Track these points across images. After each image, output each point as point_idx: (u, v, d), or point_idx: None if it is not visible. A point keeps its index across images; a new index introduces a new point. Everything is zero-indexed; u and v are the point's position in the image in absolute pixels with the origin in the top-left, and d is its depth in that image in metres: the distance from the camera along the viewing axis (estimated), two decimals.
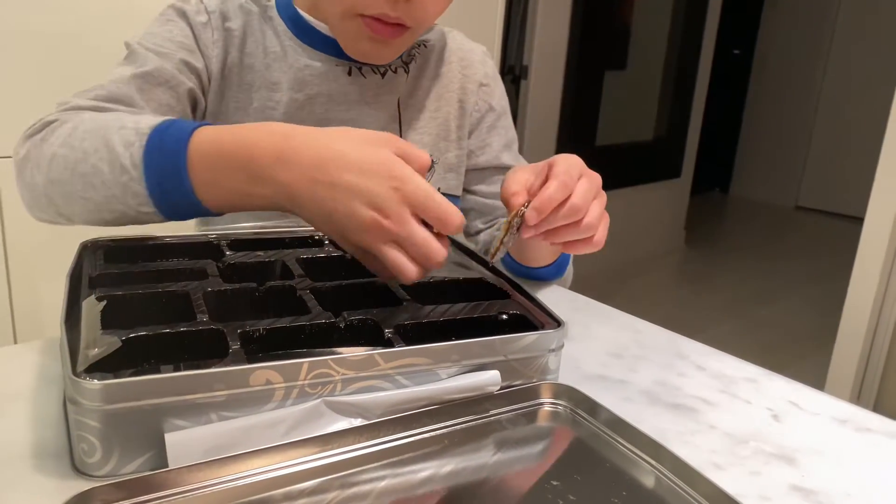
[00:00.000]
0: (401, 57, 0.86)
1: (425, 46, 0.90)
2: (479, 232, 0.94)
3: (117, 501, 0.42)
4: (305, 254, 0.70)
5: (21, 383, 0.57)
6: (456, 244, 0.75)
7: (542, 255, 0.81)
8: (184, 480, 0.44)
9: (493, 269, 0.69)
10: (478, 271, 0.69)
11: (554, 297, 0.83)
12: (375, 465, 0.49)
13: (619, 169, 3.47)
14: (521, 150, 0.97)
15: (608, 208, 0.67)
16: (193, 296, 0.58)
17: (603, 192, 0.66)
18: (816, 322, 2.89)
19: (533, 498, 0.46)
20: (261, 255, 0.69)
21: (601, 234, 0.65)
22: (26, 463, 0.47)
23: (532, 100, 3.10)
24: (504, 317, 0.60)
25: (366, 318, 0.56)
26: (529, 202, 0.61)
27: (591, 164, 0.67)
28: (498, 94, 0.95)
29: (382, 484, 0.47)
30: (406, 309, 0.59)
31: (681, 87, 3.73)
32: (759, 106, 4.86)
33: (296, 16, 0.84)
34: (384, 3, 0.73)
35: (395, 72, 0.86)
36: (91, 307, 0.53)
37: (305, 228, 0.77)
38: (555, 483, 0.48)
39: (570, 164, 0.63)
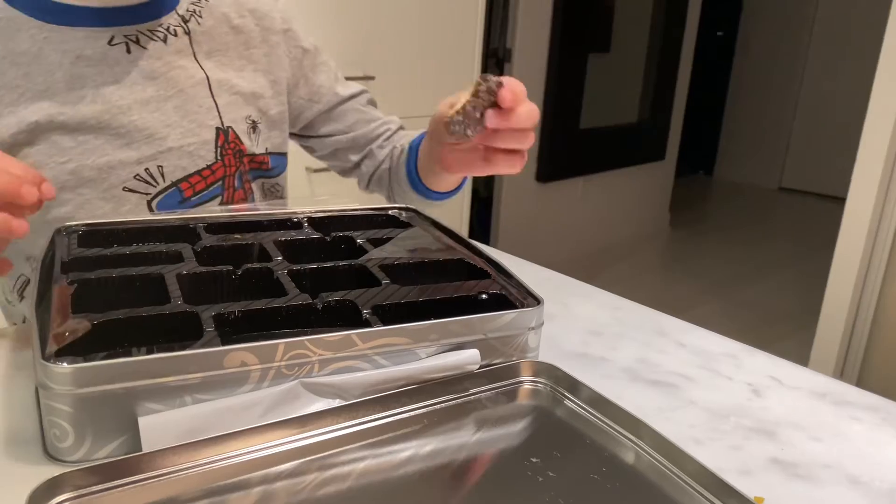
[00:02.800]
0: (179, 15, 0.80)
1: (206, 0, 0.83)
2: (357, 165, 0.94)
3: (90, 486, 0.42)
4: (283, 236, 0.69)
5: None
6: (438, 225, 0.75)
7: (447, 182, 0.86)
8: (158, 464, 0.44)
9: (474, 250, 0.69)
10: (458, 251, 0.68)
11: (534, 275, 0.82)
12: (354, 445, 0.48)
13: (603, 152, 3.47)
14: None
15: (593, 189, 0.67)
16: (168, 279, 0.57)
17: None
18: (800, 301, 2.92)
19: (514, 476, 0.46)
20: (238, 238, 0.68)
21: (526, 156, 0.68)
22: None
23: None
24: (483, 296, 0.60)
25: (343, 299, 0.56)
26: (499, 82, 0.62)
27: (576, 147, 0.68)
28: (301, 33, 0.90)
29: (362, 465, 0.47)
30: (384, 290, 0.58)
31: (664, 70, 3.73)
32: (742, 88, 4.86)
33: None
34: None
35: (175, 34, 0.79)
36: (62, 291, 0.52)
37: (284, 211, 0.76)
38: (535, 460, 0.47)
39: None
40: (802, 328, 2.49)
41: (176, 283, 0.56)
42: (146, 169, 0.75)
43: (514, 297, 0.59)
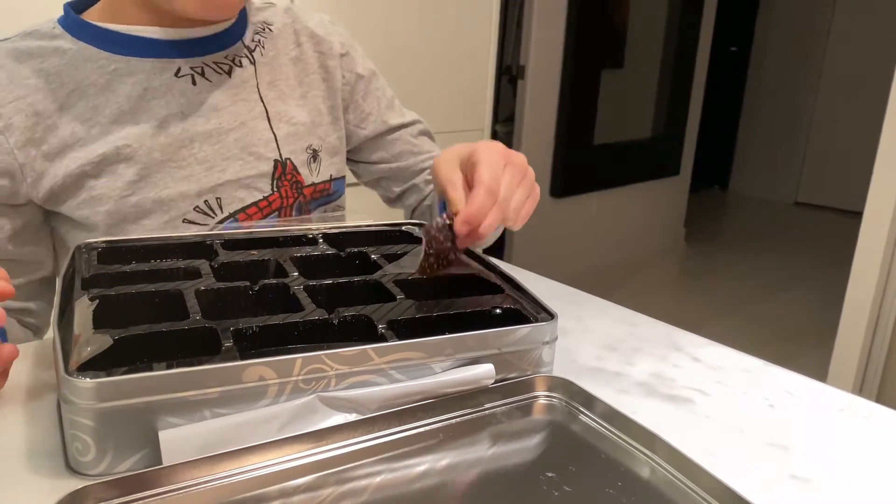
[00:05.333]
0: (244, 45, 0.82)
1: (270, 30, 0.85)
2: (399, 196, 0.94)
3: (111, 499, 0.42)
4: (299, 252, 0.70)
5: (16, 385, 0.57)
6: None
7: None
8: (178, 478, 0.44)
9: (488, 265, 0.69)
10: (472, 267, 0.69)
11: (548, 290, 0.82)
12: (371, 460, 0.49)
13: (617, 167, 3.47)
14: (517, 150, 0.97)
15: (607, 205, 0.67)
16: (186, 295, 0.58)
17: (529, 170, 0.66)
18: (817, 317, 2.89)
19: (529, 490, 0.46)
20: (254, 254, 0.68)
21: (526, 213, 0.65)
22: (21, 462, 0.47)
23: (529, 100, 3.10)
24: (498, 311, 0.60)
25: (359, 314, 0.56)
26: (448, 220, 0.60)
27: (590, 162, 0.67)
28: (359, 58, 0.91)
29: (378, 479, 0.47)
30: (399, 305, 0.59)
31: (678, 85, 3.74)
32: (757, 102, 4.85)
33: (100, 31, 0.75)
34: None
35: (240, 65, 0.81)
36: (83, 307, 0.53)
37: (300, 227, 0.77)
38: (551, 475, 0.47)
39: (492, 158, 0.62)
40: (820, 344, 2.46)
41: (194, 299, 0.57)
42: (205, 201, 0.77)
43: (528, 311, 0.59)
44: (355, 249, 0.72)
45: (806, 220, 4.49)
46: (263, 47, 0.83)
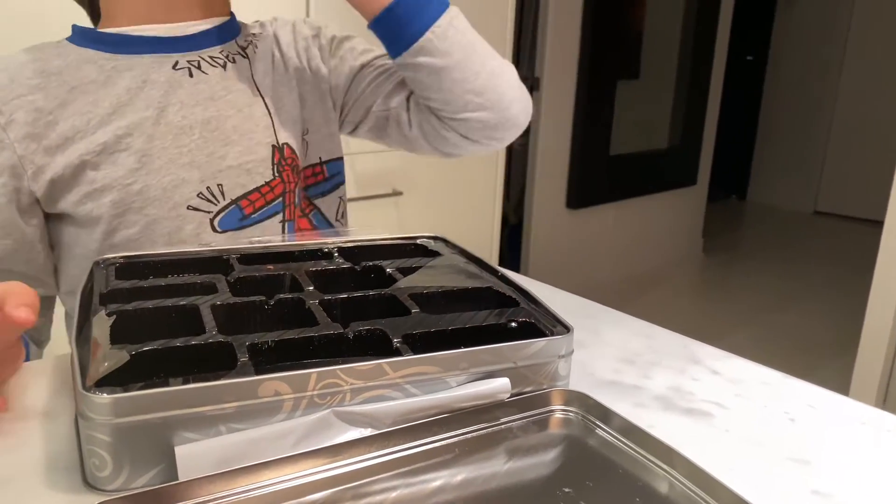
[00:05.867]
0: (237, 43, 0.85)
1: (259, 33, 0.88)
2: (402, 110, 0.86)
3: None
4: (314, 266, 0.70)
5: (33, 399, 0.57)
6: (466, 254, 0.75)
7: None
8: (194, 493, 0.44)
9: (502, 278, 0.69)
10: (487, 280, 0.68)
11: (564, 303, 0.82)
12: (387, 475, 0.48)
13: (634, 178, 3.46)
14: (532, 168, 0.96)
15: (624, 216, 0.66)
16: (203, 310, 0.58)
17: None
18: (838, 327, 2.85)
19: None
20: (270, 269, 0.69)
21: None
22: (38, 478, 0.47)
23: (545, 111, 3.11)
24: (513, 324, 0.60)
25: (374, 328, 0.56)
26: None
27: (606, 173, 0.67)
28: (330, 32, 0.90)
29: (394, 494, 0.47)
30: (414, 318, 0.59)
31: (694, 95, 3.73)
32: (774, 111, 4.82)
33: (100, 35, 0.79)
34: None
35: (233, 61, 0.83)
36: (101, 322, 0.54)
37: (314, 241, 0.77)
38: (567, 490, 0.47)
39: None
40: (841, 355, 2.43)
41: (210, 314, 0.58)
42: (208, 187, 0.79)
43: (544, 325, 0.59)
44: (370, 263, 0.72)
45: (825, 229, 4.44)
46: (256, 46, 0.86)
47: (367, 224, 0.92)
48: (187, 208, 0.78)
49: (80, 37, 0.79)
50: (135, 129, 0.76)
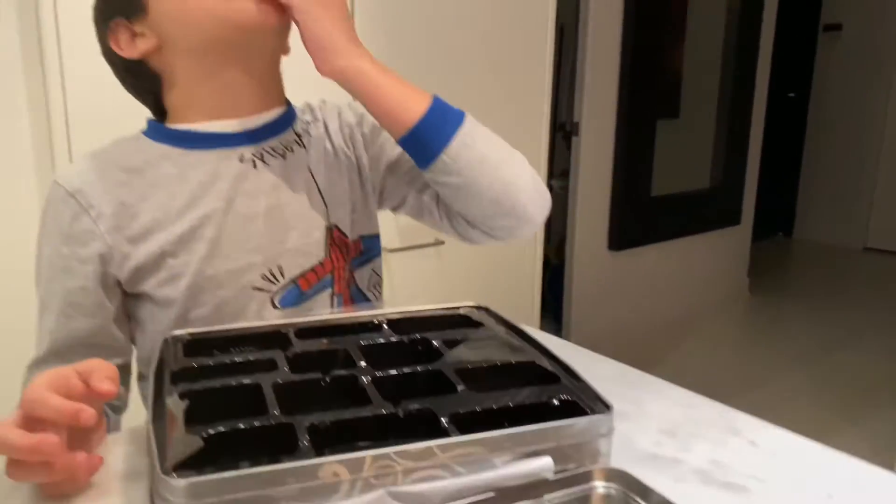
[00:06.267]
0: (294, 131, 0.91)
1: (312, 119, 0.94)
2: (420, 208, 0.93)
3: None
4: (365, 340, 0.74)
5: (113, 472, 0.62)
6: (508, 325, 0.79)
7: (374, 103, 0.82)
8: None
9: (544, 351, 0.72)
10: (529, 353, 0.72)
11: (605, 372, 0.85)
12: None
13: (676, 218, 3.45)
14: (573, 210, 1.00)
15: (667, 257, 0.68)
16: (265, 388, 0.63)
17: None
18: (891, 370, 2.78)
19: None
20: (325, 343, 0.73)
21: None
22: None
23: (584, 155, 3.13)
24: (555, 401, 0.63)
25: (423, 408, 0.60)
26: None
27: (648, 214, 0.69)
28: (371, 119, 0.93)
29: None
30: (461, 396, 0.62)
31: (735, 133, 3.72)
32: (819, 146, 4.78)
33: (173, 132, 0.86)
34: None
35: (291, 150, 0.89)
36: (175, 405, 0.59)
37: (366, 314, 0.82)
38: None
39: None
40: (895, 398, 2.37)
41: (272, 393, 0.62)
42: (269, 269, 0.85)
43: (585, 403, 0.62)
44: (418, 335, 0.76)
45: (877, 265, 4.35)
46: (309, 133, 0.93)
47: (411, 275, 0.97)
48: (252, 289, 0.84)
49: (155, 132, 0.87)
50: (207, 220, 0.83)
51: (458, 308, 0.84)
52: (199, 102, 0.85)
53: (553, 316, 3.16)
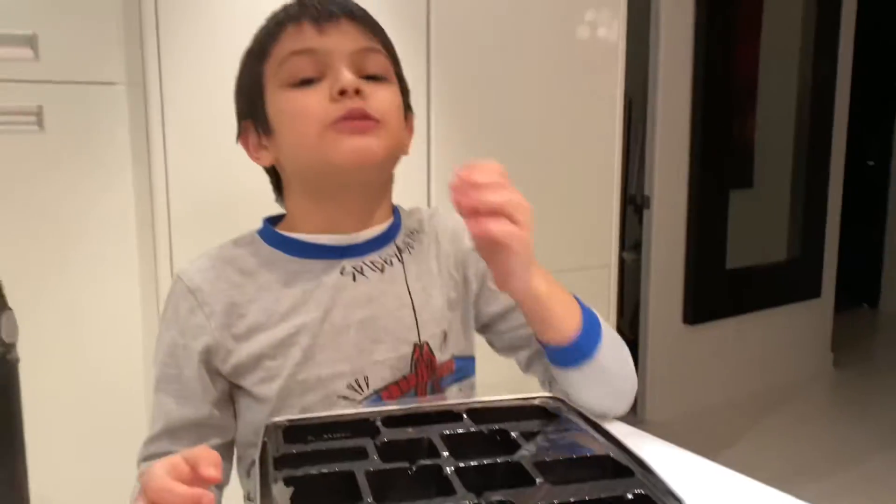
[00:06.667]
0: (396, 244, 0.96)
1: (417, 231, 1.00)
2: (529, 364, 1.02)
3: None
4: (448, 429, 0.80)
5: None
6: (583, 417, 0.83)
7: (542, 324, 0.89)
8: None
9: (618, 444, 0.76)
10: (603, 445, 0.75)
11: (680, 463, 0.87)
12: None
13: (753, 291, 3.40)
14: (647, 283, 1.06)
15: (745, 331, 0.71)
16: (358, 476, 0.69)
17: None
18: None
19: None
20: (410, 432, 0.79)
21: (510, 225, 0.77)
22: None
23: (656, 227, 3.14)
24: (629, 496, 0.66)
25: (505, 500, 0.65)
26: None
27: (723, 287, 0.74)
28: None
29: None
30: (540, 490, 0.67)
31: (813, 202, 3.66)
32: None
33: (285, 239, 0.92)
34: (344, 102, 0.84)
35: (391, 264, 0.94)
36: (280, 492, 0.65)
37: (447, 403, 0.87)
38: None
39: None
40: None
41: (365, 480, 0.68)
42: (356, 380, 0.91)
43: (658, 497, 0.65)
44: (496, 426, 0.81)
45: None
46: (412, 247, 0.98)
47: (489, 357, 1.03)
48: (337, 397, 0.90)
49: (269, 236, 0.95)
50: (304, 328, 0.90)
51: (533, 398, 0.88)
52: (309, 217, 0.93)
53: None
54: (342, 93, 0.84)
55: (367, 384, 0.91)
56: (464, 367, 1.00)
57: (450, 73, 2.00)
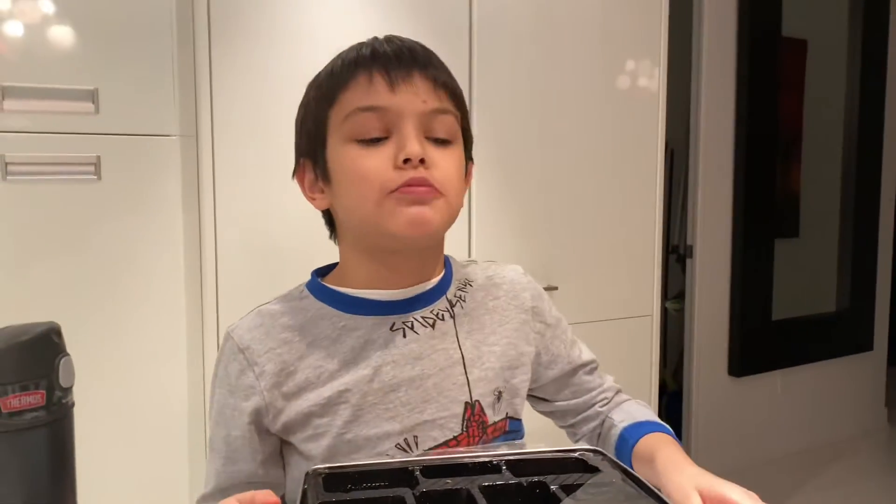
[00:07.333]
0: (448, 300, 0.93)
1: (470, 286, 0.97)
2: (573, 425, 1.03)
3: None
4: (485, 481, 0.79)
5: None
6: (624, 471, 0.82)
7: None
8: None
9: (658, 498, 0.74)
10: (644, 500, 0.74)
11: None
12: None
13: (801, 343, 3.31)
14: (690, 333, 1.05)
15: (793, 384, 0.71)
16: None
17: None
18: None
19: None
20: (449, 483, 0.79)
21: None
22: None
23: (700, 277, 3.09)
24: None
25: None
26: None
27: (769, 339, 0.73)
28: (547, 307, 1.00)
29: None
30: None
31: (862, 252, 3.57)
32: None
33: (334, 294, 0.91)
34: (407, 171, 0.81)
35: (442, 319, 0.92)
36: None
37: (485, 453, 0.87)
38: None
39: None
40: None
41: None
42: (405, 439, 0.88)
43: None
44: (535, 478, 0.80)
45: None
46: (464, 301, 0.95)
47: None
48: (385, 456, 0.87)
49: (318, 290, 0.93)
50: (353, 386, 0.88)
51: (574, 451, 0.87)
52: (361, 268, 0.91)
53: None
54: (406, 161, 0.82)
55: (417, 444, 0.89)
56: (518, 429, 0.97)
57: (492, 125, 2.03)
